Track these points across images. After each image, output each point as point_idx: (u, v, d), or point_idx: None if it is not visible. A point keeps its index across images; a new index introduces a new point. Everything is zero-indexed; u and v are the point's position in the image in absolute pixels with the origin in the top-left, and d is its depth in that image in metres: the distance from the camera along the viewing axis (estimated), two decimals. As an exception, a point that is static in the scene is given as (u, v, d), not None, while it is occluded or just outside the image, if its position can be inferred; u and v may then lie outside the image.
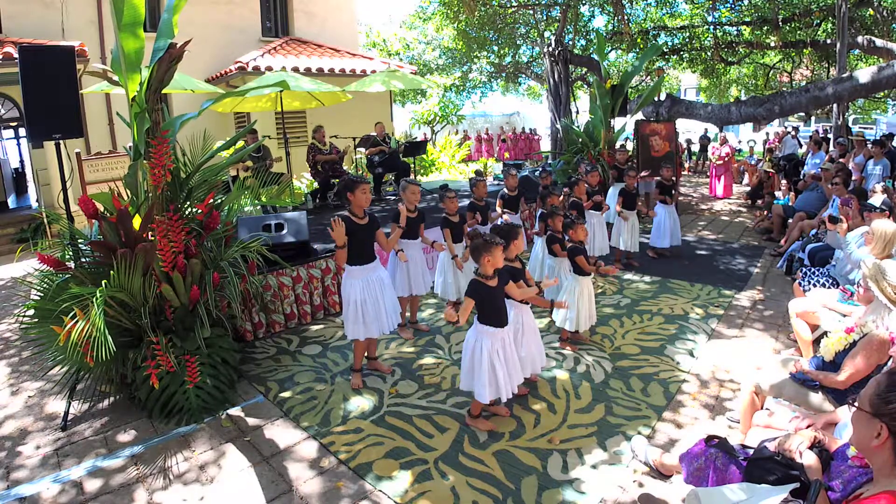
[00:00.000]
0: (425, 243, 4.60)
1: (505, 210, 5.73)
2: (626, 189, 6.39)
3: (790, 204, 7.92)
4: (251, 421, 3.44)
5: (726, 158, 11.24)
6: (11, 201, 11.14)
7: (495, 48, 17.81)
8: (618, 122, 9.08)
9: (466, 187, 8.46)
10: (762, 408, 2.92)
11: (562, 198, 5.65)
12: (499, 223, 5.22)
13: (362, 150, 9.19)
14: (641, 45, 14.15)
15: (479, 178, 5.34)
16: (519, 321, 3.47)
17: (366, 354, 4.05)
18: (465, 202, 5.40)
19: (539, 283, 3.49)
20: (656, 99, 10.70)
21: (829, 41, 13.13)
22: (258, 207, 6.02)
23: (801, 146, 11.89)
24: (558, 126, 12.00)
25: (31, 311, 3.51)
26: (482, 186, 5.29)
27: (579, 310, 4.15)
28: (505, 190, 5.86)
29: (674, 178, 6.80)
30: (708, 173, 12.57)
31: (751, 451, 2.21)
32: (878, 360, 2.56)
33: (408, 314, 4.78)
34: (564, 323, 4.19)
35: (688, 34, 14.84)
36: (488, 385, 3.03)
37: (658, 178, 6.94)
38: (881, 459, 1.48)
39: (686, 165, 15.87)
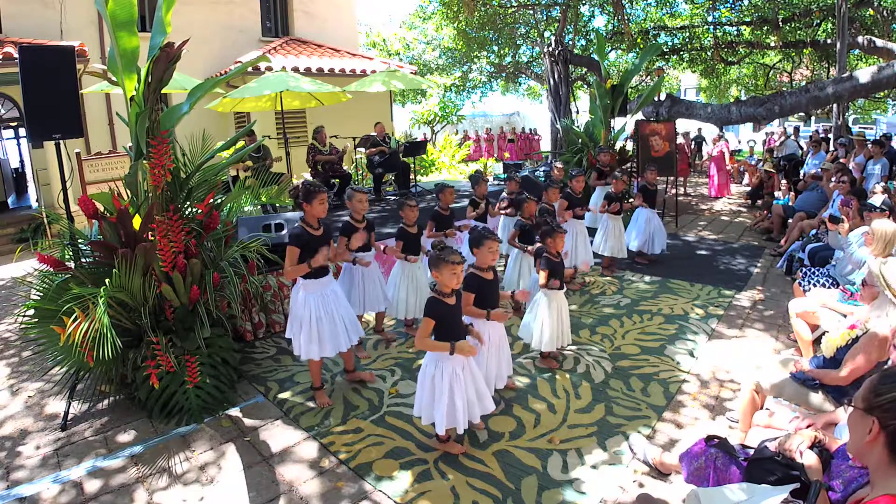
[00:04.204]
0: (376, 250, 4.28)
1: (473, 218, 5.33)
2: (611, 194, 6.05)
3: (790, 204, 7.92)
4: (251, 421, 3.44)
5: (716, 155, 11.26)
6: (11, 201, 11.13)
7: (495, 48, 17.82)
8: (618, 122, 9.08)
9: (466, 186, 8.44)
10: (762, 408, 2.92)
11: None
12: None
13: (362, 150, 9.20)
14: (641, 45, 14.15)
15: (446, 186, 4.87)
16: (485, 335, 3.13)
17: (343, 368, 3.91)
18: (464, 201, 5.34)
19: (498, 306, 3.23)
20: (656, 99, 10.70)
21: (829, 41, 13.13)
22: (258, 207, 6.03)
23: (801, 148, 11.88)
24: (558, 126, 12.00)
25: (31, 311, 3.51)
26: (448, 194, 4.84)
27: (542, 325, 3.79)
28: (475, 197, 5.44)
29: (670, 180, 6.62)
30: (707, 173, 12.58)
31: (751, 452, 2.21)
32: (879, 357, 2.57)
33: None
34: (540, 344, 3.84)
35: (688, 34, 14.85)
36: (446, 414, 2.76)
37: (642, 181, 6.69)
38: (875, 458, 1.47)
39: (699, 161, 15.67)
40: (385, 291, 4.32)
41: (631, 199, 7.63)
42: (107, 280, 3.26)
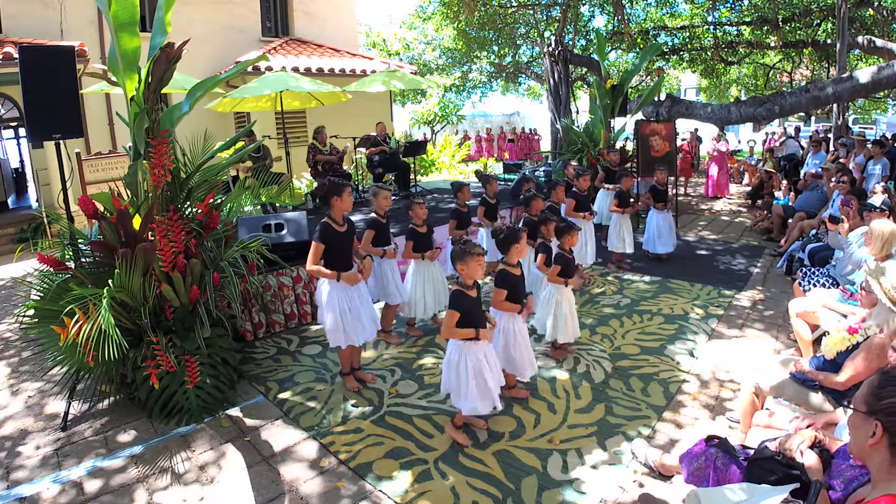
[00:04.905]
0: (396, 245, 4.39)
1: (484, 218, 5.45)
2: (620, 191, 6.22)
3: (790, 204, 7.92)
4: (251, 421, 3.44)
5: (717, 155, 11.28)
6: (11, 201, 11.13)
7: (495, 48, 17.82)
8: (618, 122, 9.09)
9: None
10: (762, 408, 2.92)
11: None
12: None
13: (362, 150, 9.20)
14: (641, 45, 14.15)
15: (463, 184, 5.09)
16: (511, 328, 3.34)
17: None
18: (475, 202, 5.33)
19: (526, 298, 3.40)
20: (656, 99, 10.70)
21: (829, 41, 13.14)
22: (258, 207, 6.02)
23: (801, 147, 11.88)
24: (558, 126, 12.00)
25: (31, 312, 3.51)
26: (466, 192, 5.03)
27: (556, 318, 3.94)
28: (485, 196, 5.54)
29: (670, 180, 6.68)
30: (706, 173, 12.58)
31: (751, 452, 2.21)
32: (879, 364, 2.56)
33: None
34: (556, 334, 3.98)
35: (688, 34, 14.85)
36: (481, 399, 2.93)
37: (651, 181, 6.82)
38: (878, 460, 1.47)
39: (702, 162, 15.58)
40: (402, 286, 4.40)
41: (631, 199, 7.66)
42: (109, 280, 3.26)
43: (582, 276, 5.83)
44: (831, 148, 10.47)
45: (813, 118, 22.42)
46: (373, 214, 4.23)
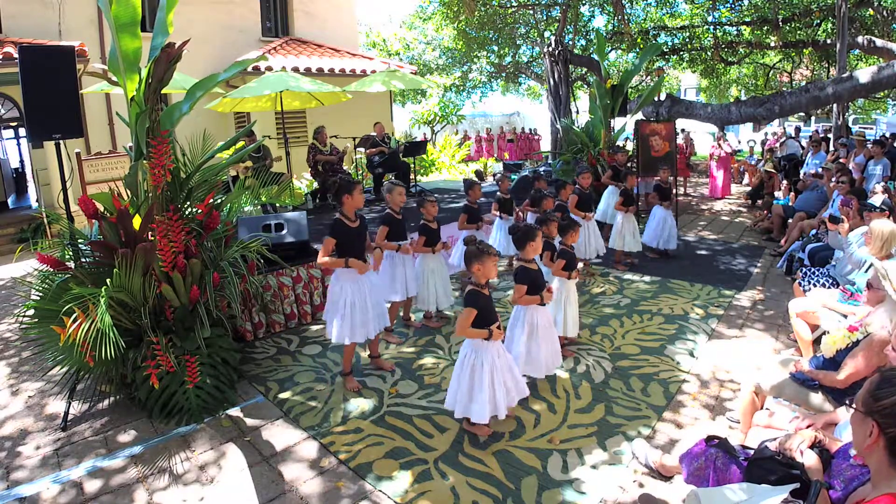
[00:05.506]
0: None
1: (500, 213, 5.76)
2: (625, 189, 6.37)
3: (790, 204, 7.92)
4: (251, 421, 3.44)
5: (723, 155, 11.28)
6: (11, 201, 11.13)
7: (495, 48, 17.84)
8: (618, 122, 9.09)
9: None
10: (762, 408, 2.92)
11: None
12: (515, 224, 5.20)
13: (362, 150, 9.20)
14: (641, 45, 14.15)
15: (476, 181, 5.33)
16: (534, 321, 3.43)
17: (368, 353, 4.05)
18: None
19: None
20: (656, 99, 10.71)
21: (829, 41, 13.14)
22: (258, 207, 6.02)
23: (802, 147, 11.87)
24: (558, 126, 12.00)
25: (31, 312, 3.51)
26: (477, 190, 5.29)
27: (566, 314, 4.03)
28: (499, 194, 5.87)
29: (671, 179, 6.76)
30: (708, 173, 12.58)
31: (751, 452, 2.21)
32: (879, 362, 2.56)
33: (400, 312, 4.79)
34: (566, 330, 4.05)
35: (688, 34, 14.86)
36: (488, 402, 2.93)
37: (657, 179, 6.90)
38: (875, 459, 1.48)
39: (700, 162, 15.54)
40: (411, 283, 4.48)
41: (642, 196, 7.73)
42: (108, 280, 3.26)
43: (587, 267, 6.09)
44: (831, 148, 10.47)
45: (813, 118, 22.42)
46: (387, 210, 4.33)
